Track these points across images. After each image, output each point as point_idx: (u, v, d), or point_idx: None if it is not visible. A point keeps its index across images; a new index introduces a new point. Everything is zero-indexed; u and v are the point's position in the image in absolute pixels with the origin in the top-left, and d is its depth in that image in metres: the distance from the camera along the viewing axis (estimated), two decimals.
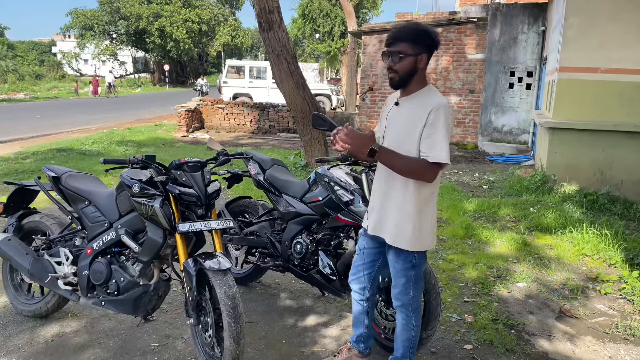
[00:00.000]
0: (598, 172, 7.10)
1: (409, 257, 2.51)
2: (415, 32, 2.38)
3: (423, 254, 2.53)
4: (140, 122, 18.06)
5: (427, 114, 2.32)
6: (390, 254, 2.57)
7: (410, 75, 2.41)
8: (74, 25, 50.21)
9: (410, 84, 2.44)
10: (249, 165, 3.88)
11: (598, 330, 3.59)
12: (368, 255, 2.74)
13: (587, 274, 4.59)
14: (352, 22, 20.17)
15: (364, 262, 2.76)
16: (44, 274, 3.25)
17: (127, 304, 2.93)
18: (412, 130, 2.37)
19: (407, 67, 2.39)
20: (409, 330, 2.67)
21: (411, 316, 2.65)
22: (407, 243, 2.47)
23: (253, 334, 3.36)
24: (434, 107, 2.31)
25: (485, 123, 12.62)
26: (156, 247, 2.80)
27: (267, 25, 7.93)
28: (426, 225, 2.46)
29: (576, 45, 7.16)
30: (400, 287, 2.59)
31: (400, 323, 2.69)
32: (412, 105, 2.42)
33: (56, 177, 3.29)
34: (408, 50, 2.36)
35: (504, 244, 5.27)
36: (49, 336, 3.28)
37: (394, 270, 2.59)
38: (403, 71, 2.40)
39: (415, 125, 2.36)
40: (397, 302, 2.65)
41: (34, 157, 9.76)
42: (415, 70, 2.40)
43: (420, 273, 2.58)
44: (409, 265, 2.53)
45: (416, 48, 2.36)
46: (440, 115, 2.30)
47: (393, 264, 2.58)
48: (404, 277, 2.56)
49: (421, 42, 2.37)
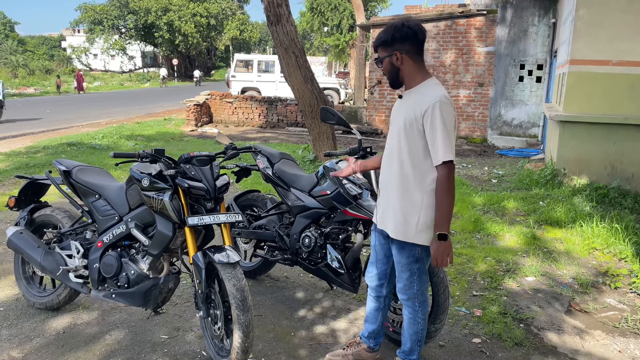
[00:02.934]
0: (609, 165, 7.04)
1: (412, 251, 2.51)
2: (382, 34, 2.46)
3: (427, 248, 2.49)
4: (149, 116, 18.15)
5: (422, 115, 2.34)
6: (393, 247, 2.58)
7: (394, 74, 2.47)
8: (83, 20, 50.41)
9: (404, 80, 2.48)
10: (258, 159, 3.89)
11: (608, 324, 3.57)
12: (380, 251, 2.74)
13: (597, 268, 4.56)
14: (360, 15, 20.05)
15: (378, 259, 2.76)
16: (55, 267, 3.29)
17: (137, 296, 2.96)
18: (410, 125, 2.40)
19: (387, 68, 2.48)
20: (416, 324, 2.67)
21: (418, 310, 2.65)
22: (408, 236, 2.47)
23: (262, 326, 3.38)
24: (428, 107, 2.32)
25: (495, 116, 12.54)
26: (166, 240, 2.82)
27: (275, 18, 7.91)
28: (430, 218, 2.43)
29: (587, 37, 7.09)
30: (404, 281, 2.60)
31: (407, 317, 2.69)
32: (411, 100, 2.45)
33: (67, 171, 3.32)
34: (382, 53, 2.47)
35: (513, 238, 5.25)
36: (60, 328, 3.32)
37: (397, 264, 2.60)
38: (387, 72, 2.50)
39: (412, 121, 2.39)
40: (403, 295, 2.65)
41: (44, 151, 9.84)
42: (397, 68, 2.44)
43: (424, 267, 2.58)
44: (412, 259, 2.53)
45: (388, 48, 2.44)
46: (436, 113, 2.30)
47: (397, 258, 2.58)
48: (407, 270, 2.56)
49: (390, 40, 2.42)
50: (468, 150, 11.58)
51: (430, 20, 12.72)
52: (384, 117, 13.70)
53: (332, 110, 3.17)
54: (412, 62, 2.43)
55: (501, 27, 12.08)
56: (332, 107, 10.65)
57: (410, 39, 2.40)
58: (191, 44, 49.71)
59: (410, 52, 2.41)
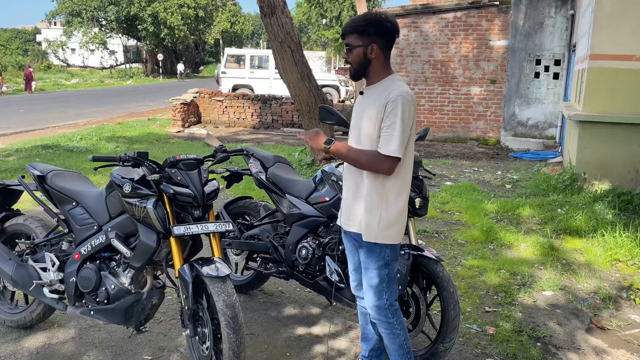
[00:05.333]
0: (633, 169, 7.06)
1: (381, 254, 2.56)
2: (361, 22, 2.52)
3: (394, 250, 2.60)
4: (132, 116, 18.17)
5: (384, 106, 2.44)
6: (361, 252, 2.63)
7: (363, 66, 2.54)
8: (60, 11, 50.41)
9: (369, 75, 2.57)
10: (250, 162, 3.89)
11: (632, 343, 3.57)
12: (354, 256, 2.77)
13: (620, 281, 4.57)
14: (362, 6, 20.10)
15: (355, 267, 2.79)
16: (28, 281, 3.27)
17: (117, 313, 2.95)
18: (371, 121, 2.50)
19: (358, 58, 2.53)
20: (396, 337, 2.68)
21: (392, 321, 2.66)
22: (374, 235, 2.53)
23: (254, 346, 3.37)
24: (390, 99, 2.42)
25: (509, 116, 12.57)
26: (149, 251, 2.82)
27: (269, 10, 7.94)
28: (395, 218, 2.54)
29: (608, 30, 7.11)
30: (372, 290, 2.62)
31: (385, 334, 2.70)
32: (373, 96, 2.54)
33: (41, 176, 3.31)
34: (356, 41, 2.51)
35: (529, 249, 5.25)
36: (33, 348, 3.31)
37: (365, 270, 2.64)
38: (355, 63, 2.55)
39: (373, 116, 2.48)
40: (372, 311, 2.67)
41: (17, 154, 9.84)
42: (368, 61, 2.52)
43: (392, 272, 2.63)
44: (382, 262, 2.58)
45: (364, 38, 2.49)
46: (397, 107, 2.40)
47: (365, 264, 2.63)
48: (377, 277, 2.59)
49: (369, 31, 2.48)
50: (480, 153, 11.60)
51: (438, 12, 12.77)
52: None
53: (332, 109, 3.18)
54: (383, 57, 2.54)
55: (515, 19, 12.12)
56: (332, 105, 10.67)
57: (388, 35, 2.51)
58: (178, 37, 49.76)
59: (385, 48, 2.52)
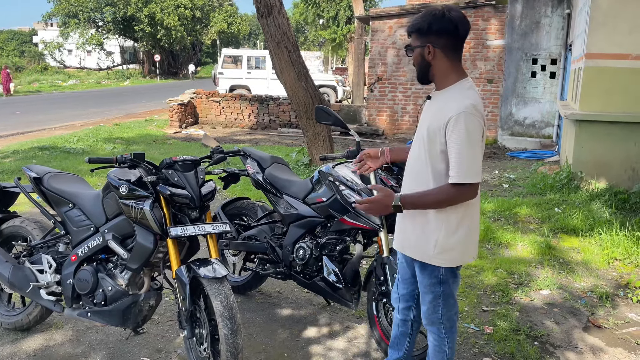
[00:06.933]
0: (629, 168, 7.07)
1: (434, 272, 2.43)
2: (418, 20, 2.30)
3: (452, 270, 2.44)
4: (129, 117, 18.15)
5: (444, 125, 2.23)
6: (416, 266, 2.52)
7: (424, 69, 2.34)
8: (56, 13, 50.30)
9: (435, 79, 2.36)
10: (247, 163, 3.89)
11: (629, 341, 3.58)
12: (406, 270, 2.65)
13: (617, 280, 4.58)
14: (359, 6, 20.14)
15: (404, 279, 2.68)
16: (25, 283, 3.27)
17: (115, 315, 2.95)
18: (434, 134, 2.30)
19: (416, 61, 2.35)
20: (442, 352, 2.57)
21: (443, 337, 2.55)
22: (426, 257, 2.41)
23: (252, 347, 3.37)
24: (452, 117, 2.20)
25: (506, 115, 12.58)
26: (146, 253, 2.82)
27: (266, 10, 7.93)
28: (455, 239, 2.37)
29: (604, 29, 7.12)
30: (428, 304, 2.52)
31: (432, 344, 2.60)
32: (438, 104, 2.34)
33: (38, 177, 3.31)
34: (415, 41, 2.33)
35: (526, 248, 5.26)
36: (31, 350, 3.30)
37: (420, 284, 2.53)
38: (416, 65, 2.36)
39: (436, 131, 2.28)
40: (426, 320, 2.57)
41: (13, 156, 9.82)
42: (428, 63, 2.31)
43: (449, 290, 2.49)
44: (435, 280, 2.45)
45: (421, 39, 2.29)
46: (460, 126, 2.19)
47: (419, 278, 2.52)
48: (430, 293, 2.48)
49: (425, 30, 2.27)
50: None
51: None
52: (384, 117, 13.72)
53: (329, 109, 3.18)
54: (447, 59, 2.29)
55: (512, 19, 12.13)
56: (329, 106, 10.67)
57: (449, 32, 2.25)
58: (174, 38, 49.68)
59: (446, 47, 2.27)
